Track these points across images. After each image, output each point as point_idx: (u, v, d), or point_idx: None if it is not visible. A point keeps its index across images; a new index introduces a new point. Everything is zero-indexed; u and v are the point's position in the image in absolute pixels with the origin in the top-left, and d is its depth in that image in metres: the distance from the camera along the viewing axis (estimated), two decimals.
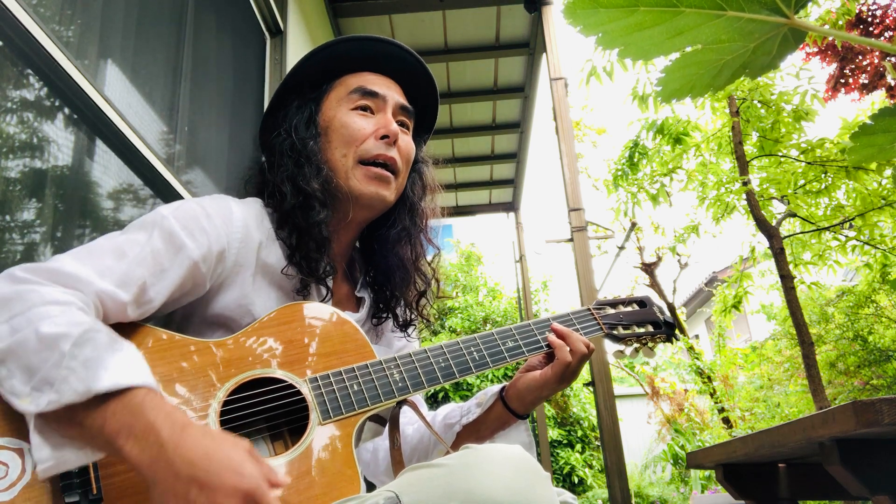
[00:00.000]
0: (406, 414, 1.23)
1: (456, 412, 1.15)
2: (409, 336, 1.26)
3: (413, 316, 1.22)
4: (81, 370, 0.71)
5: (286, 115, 1.13)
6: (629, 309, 1.23)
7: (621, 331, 1.19)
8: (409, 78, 1.19)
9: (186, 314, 1.00)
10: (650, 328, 1.21)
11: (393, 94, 1.15)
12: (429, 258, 1.25)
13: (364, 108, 1.11)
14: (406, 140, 1.14)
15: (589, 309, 1.19)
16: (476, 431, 1.12)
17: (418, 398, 1.28)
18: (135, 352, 0.77)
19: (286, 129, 1.11)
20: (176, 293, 0.93)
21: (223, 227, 0.98)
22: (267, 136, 1.16)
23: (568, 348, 1.07)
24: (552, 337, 1.09)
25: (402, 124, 1.16)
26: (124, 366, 0.73)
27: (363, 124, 1.10)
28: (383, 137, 1.09)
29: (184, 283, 0.93)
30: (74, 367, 0.71)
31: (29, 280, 0.78)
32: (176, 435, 0.70)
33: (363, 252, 1.24)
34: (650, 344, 1.21)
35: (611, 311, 1.21)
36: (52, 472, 0.70)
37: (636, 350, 1.21)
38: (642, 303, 1.26)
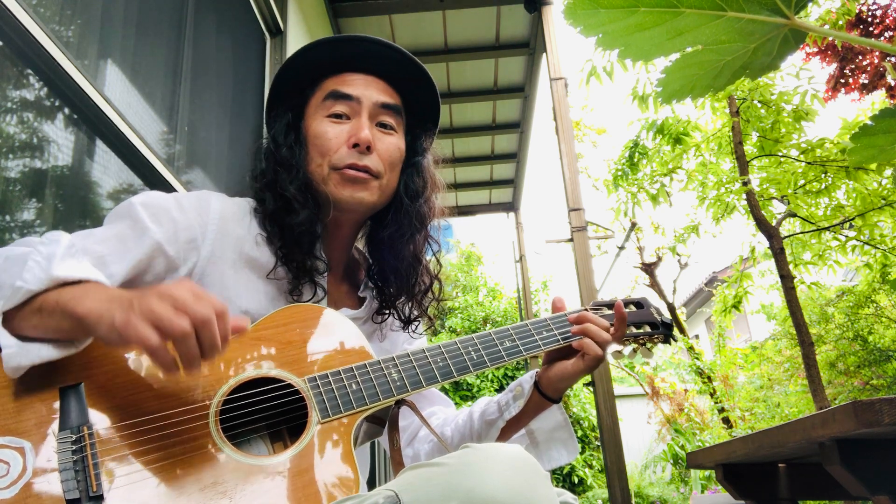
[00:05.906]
0: (434, 417, 1.24)
1: (493, 408, 1.16)
2: (412, 335, 1.26)
3: (415, 314, 1.21)
4: (44, 262, 0.79)
5: (270, 123, 1.16)
6: (626, 310, 1.23)
7: None
8: (397, 72, 1.14)
9: None
10: (648, 329, 1.22)
11: (371, 93, 1.10)
12: (430, 257, 1.23)
13: (338, 115, 1.09)
14: (387, 142, 1.10)
15: (586, 309, 1.19)
16: (517, 422, 1.14)
17: (439, 395, 1.29)
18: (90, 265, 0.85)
19: (270, 136, 1.14)
20: (144, 273, 0.96)
21: (196, 218, 1.01)
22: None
23: (593, 342, 1.10)
24: (575, 329, 1.12)
25: (383, 125, 1.12)
26: (84, 266, 0.82)
27: (335, 133, 1.07)
28: (355, 146, 1.06)
29: (150, 262, 0.96)
30: (38, 261, 0.79)
31: (4, 249, 0.87)
32: (124, 292, 0.78)
33: (368, 251, 1.24)
34: (648, 344, 1.22)
35: (608, 311, 1.21)
36: (15, 359, 0.75)
37: (634, 350, 1.22)
38: (639, 304, 1.26)
